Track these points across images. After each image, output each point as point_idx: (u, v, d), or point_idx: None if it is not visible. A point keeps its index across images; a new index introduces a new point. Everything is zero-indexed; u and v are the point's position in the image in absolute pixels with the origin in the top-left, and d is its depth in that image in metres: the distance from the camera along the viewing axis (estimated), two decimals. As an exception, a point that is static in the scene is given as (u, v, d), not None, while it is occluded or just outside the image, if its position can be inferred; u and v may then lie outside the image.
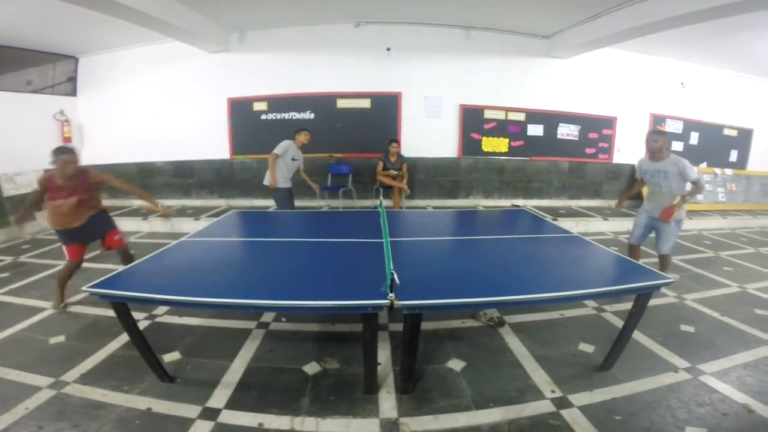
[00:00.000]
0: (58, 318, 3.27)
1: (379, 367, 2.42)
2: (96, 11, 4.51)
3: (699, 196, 3.91)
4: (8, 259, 4.81)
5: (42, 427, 2.01)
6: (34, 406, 2.16)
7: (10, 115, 6.09)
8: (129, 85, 7.13)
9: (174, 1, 5.03)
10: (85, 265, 4.49)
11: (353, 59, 6.75)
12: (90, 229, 3.45)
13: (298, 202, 5.75)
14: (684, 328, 3.14)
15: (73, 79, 7.20)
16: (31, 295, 3.70)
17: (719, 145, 8.18)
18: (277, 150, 5.00)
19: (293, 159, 5.17)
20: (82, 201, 3.33)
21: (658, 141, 3.51)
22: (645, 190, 3.84)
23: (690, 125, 7.87)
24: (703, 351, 2.79)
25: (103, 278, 2.20)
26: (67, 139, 6.95)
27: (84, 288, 2.05)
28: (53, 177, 3.24)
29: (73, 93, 7.21)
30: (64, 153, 3.23)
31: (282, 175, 5.06)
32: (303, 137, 5.22)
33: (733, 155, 8.36)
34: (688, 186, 3.47)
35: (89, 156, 7.29)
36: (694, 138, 7.91)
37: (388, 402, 2.23)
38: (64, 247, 3.45)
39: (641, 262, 2.77)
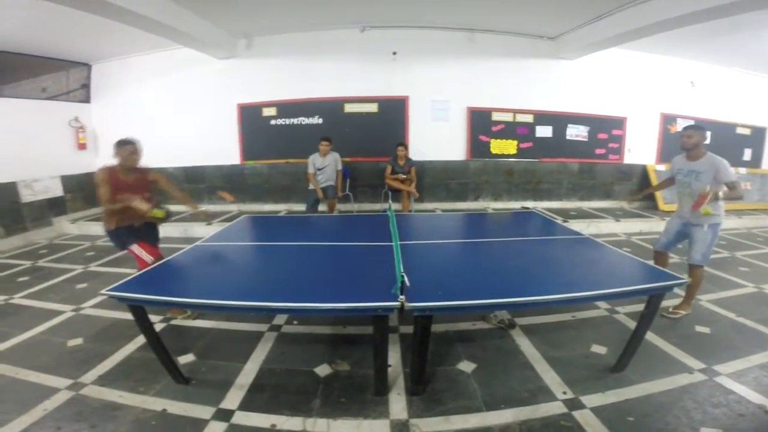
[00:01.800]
0: (76, 321, 3.34)
1: (389, 369, 2.44)
2: (106, 18, 4.59)
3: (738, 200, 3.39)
4: (27, 263, 4.92)
5: (60, 428, 2.06)
6: (53, 407, 2.21)
7: (26, 122, 6.21)
8: (140, 91, 7.25)
9: (182, 8, 5.11)
10: (100, 269, 4.62)
11: (360, 64, 6.79)
12: (149, 231, 3.31)
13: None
14: (699, 329, 3.11)
15: (86, 86, 7.33)
16: (50, 299, 3.78)
17: (732, 144, 8.04)
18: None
19: (319, 169, 5.90)
20: (145, 200, 3.10)
21: (692, 136, 3.26)
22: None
23: (702, 124, 7.73)
24: (718, 352, 2.75)
25: (120, 282, 2.25)
26: (82, 146, 7.10)
27: (102, 291, 2.10)
28: (115, 171, 3.12)
29: (86, 99, 7.34)
30: (129, 143, 3.16)
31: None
32: (321, 146, 5.86)
33: (747, 154, 8.23)
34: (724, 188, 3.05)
35: (104, 162, 7.40)
36: (706, 137, 7.78)
37: (398, 403, 2.24)
38: (137, 249, 3.09)
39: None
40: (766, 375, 2.49)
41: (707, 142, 3.37)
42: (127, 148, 3.14)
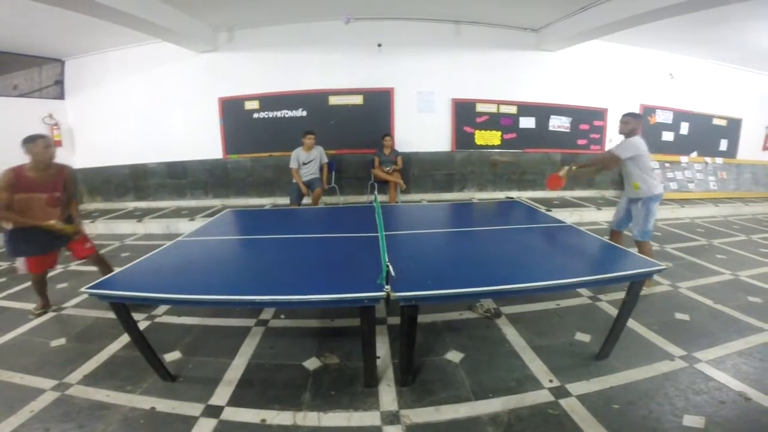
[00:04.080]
0: (58, 321, 3.27)
1: (378, 361, 2.45)
2: (78, 13, 4.45)
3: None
4: (4, 264, 4.78)
5: (48, 429, 2.02)
6: (40, 408, 2.18)
7: (-3, 120, 6.02)
8: (118, 87, 7.07)
9: (158, 1, 4.98)
10: (80, 268, 4.51)
11: (344, 56, 6.74)
12: (53, 236, 3.09)
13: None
14: (679, 316, 3.19)
15: (60, 83, 7.13)
16: (29, 299, 3.67)
17: (709, 135, 8.27)
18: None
19: (304, 164, 5.94)
20: (56, 199, 3.06)
21: (629, 123, 3.56)
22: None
23: (680, 116, 7.95)
24: (698, 339, 2.83)
25: (101, 279, 2.21)
26: (58, 143, 6.89)
27: (83, 289, 2.06)
28: (22, 170, 2.93)
29: (60, 96, 7.15)
30: (40, 137, 2.94)
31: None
32: (306, 140, 5.91)
33: (723, 144, 8.45)
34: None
35: (81, 160, 7.27)
36: (684, 128, 8.00)
37: (388, 395, 2.26)
38: (21, 264, 3.09)
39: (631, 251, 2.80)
40: (744, 362, 2.56)
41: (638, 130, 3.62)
42: (39, 142, 2.93)
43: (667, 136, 7.86)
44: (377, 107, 6.93)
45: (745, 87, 8.36)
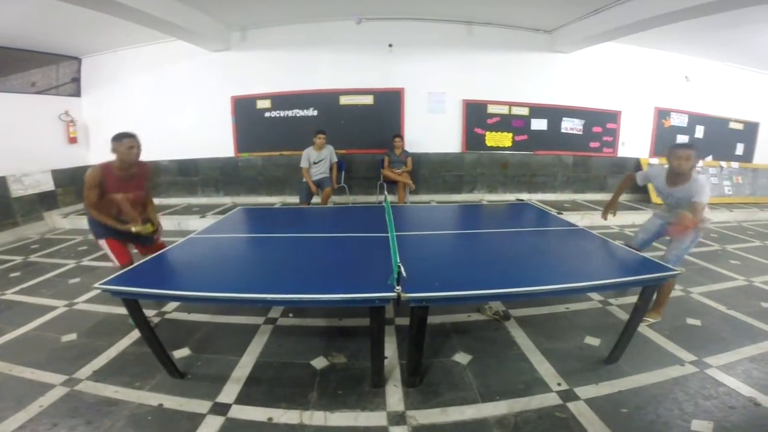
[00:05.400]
0: (70, 316, 3.32)
1: (385, 361, 2.44)
2: (96, 11, 4.51)
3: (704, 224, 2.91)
4: (18, 258, 4.87)
5: (56, 424, 2.05)
6: (48, 404, 2.20)
7: (16, 117, 6.12)
8: (132, 84, 7.15)
9: (175, 1, 5.03)
10: (93, 263, 4.58)
11: (355, 56, 6.74)
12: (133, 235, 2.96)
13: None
14: (690, 321, 3.14)
15: (76, 80, 7.22)
16: (42, 294, 3.75)
17: (725, 139, 8.12)
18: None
19: (314, 163, 5.94)
20: (139, 198, 3.04)
21: (690, 159, 2.70)
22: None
23: (695, 119, 7.82)
24: (709, 344, 2.79)
25: (114, 275, 2.23)
26: (73, 140, 7.01)
27: (96, 285, 2.08)
28: (110, 169, 2.89)
29: (77, 93, 7.24)
30: (127, 137, 2.90)
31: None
32: (317, 139, 5.89)
33: (740, 148, 8.29)
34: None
35: (96, 157, 7.36)
36: (699, 131, 7.87)
37: (395, 395, 2.25)
38: (106, 246, 2.93)
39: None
40: (755, 367, 2.52)
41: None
42: (125, 142, 2.87)
43: (682, 139, 7.73)
44: (387, 107, 6.93)
45: (763, 90, 8.19)
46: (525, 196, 7.29)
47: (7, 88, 6.16)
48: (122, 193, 2.91)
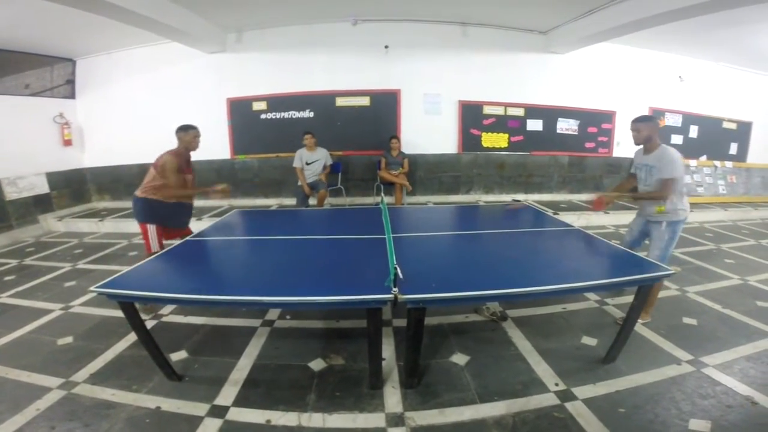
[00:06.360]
0: (66, 319, 3.30)
1: (383, 363, 2.45)
2: (89, 12, 4.49)
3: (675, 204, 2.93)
4: (13, 262, 4.84)
5: (54, 428, 2.04)
6: (46, 407, 2.19)
7: (10, 119, 6.09)
8: (128, 86, 7.12)
9: (168, 2, 5.01)
10: (89, 266, 4.56)
11: (351, 57, 6.74)
12: (181, 212, 3.62)
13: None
14: (686, 320, 3.16)
15: (71, 82, 7.18)
16: (37, 297, 3.73)
17: (719, 138, 8.19)
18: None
19: (307, 164, 5.92)
20: (193, 178, 3.64)
21: (641, 130, 3.00)
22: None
23: (689, 118, 7.88)
24: (705, 343, 2.80)
25: (110, 278, 2.22)
26: (68, 142, 6.98)
27: (92, 288, 2.07)
28: (180, 156, 3.39)
29: (71, 95, 7.20)
30: (193, 128, 3.46)
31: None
32: (305, 140, 5.90)
33: (733, 148, 8.37)
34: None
35: (90, 159, 7.34)
36: (693, 131, 7.93)
37: (393, 397, 2.25)
38: (151, 231, 3.30)
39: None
40: (752, 366, 2.54)
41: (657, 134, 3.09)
42: (191, 132, 3.43)
43: (676, 139, 7.78)
44: (384, 109, 6.93)
45: (757, 90, 8.27)
46: (521, 197, 7.30)
47: (0, 90, 6.12)
48: (188, 174, 3.50)
